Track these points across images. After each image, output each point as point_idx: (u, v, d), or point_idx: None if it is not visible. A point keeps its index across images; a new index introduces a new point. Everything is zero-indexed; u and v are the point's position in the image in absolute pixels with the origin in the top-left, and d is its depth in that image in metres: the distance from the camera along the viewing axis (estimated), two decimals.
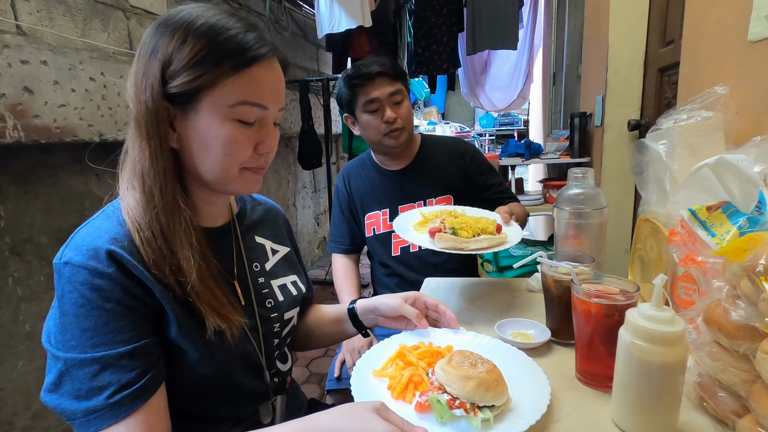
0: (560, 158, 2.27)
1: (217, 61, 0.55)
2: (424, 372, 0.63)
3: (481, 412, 0.54)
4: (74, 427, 0.51)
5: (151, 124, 0.56)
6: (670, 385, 0.51)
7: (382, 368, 0.67)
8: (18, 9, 1.33)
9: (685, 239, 0.69)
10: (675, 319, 0.50)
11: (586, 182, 0.85)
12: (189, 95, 0.56)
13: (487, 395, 0.54)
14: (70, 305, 0.52)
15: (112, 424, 0.50)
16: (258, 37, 0.58)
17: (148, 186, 0.57)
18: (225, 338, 0.59)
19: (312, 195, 3.79)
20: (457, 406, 0.54)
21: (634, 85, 1.74)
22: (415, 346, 0.71)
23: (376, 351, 0.71)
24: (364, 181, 1.37)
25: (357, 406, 0.51)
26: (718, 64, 0.94)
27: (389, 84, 1.22)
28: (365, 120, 1.25)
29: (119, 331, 0.52)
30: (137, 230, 0.56)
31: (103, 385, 0.50)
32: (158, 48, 0.56)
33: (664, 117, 0.87)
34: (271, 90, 0.60)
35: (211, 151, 0.58)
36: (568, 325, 0.71)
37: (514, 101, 4.35)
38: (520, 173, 2.89)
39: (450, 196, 1.33)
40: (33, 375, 1.40)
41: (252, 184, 0.64)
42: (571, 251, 0.83)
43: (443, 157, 1.36)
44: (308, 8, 3.22)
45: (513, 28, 3.04)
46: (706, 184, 0.70)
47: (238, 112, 0.58)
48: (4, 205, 1.34)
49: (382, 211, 1.33)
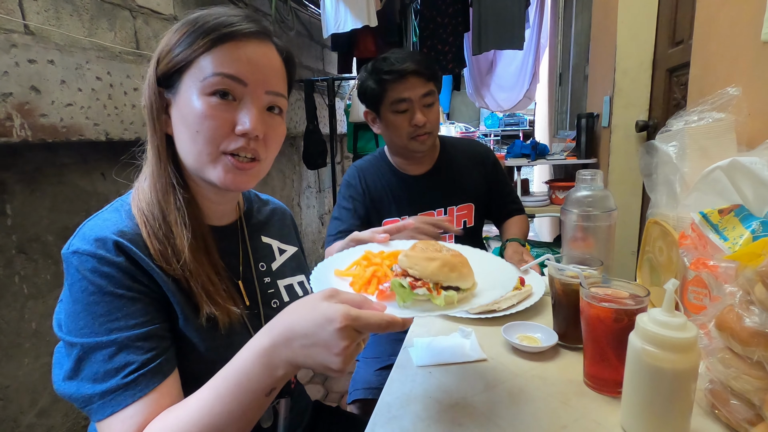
0: (566, 159, 2.25)
1: (195, 38, 0.57)
2: (388, 268, 0.59)
3: (444, 292, 0.51)
4: (91, 414, 0.51)
5: (149, 110, 0.60)
6: (681, 392, 0.50)
7: (347, 269, 0.63)
8: (26, 8, 1.34)
9: (695, 243, 0.68)
10: (687, 325, 0.49)
11: (595, 184, 0.84)
12: (172, 77, 0.59)
13: (451, 276, 0.52)
14: (81, 293, 0.52)
15: (127, 405, 0.50)
16: (242, 18, 0.59)
17: (151, 170, 0.60)
18: (218, 327, 0.59)
19: (316, 195, 3.79)
20: (419, 286, 0.51)
21: (643, 85, 1.73)
22: (382, 252, 0.67)
23: (341, 256, 0.66)
24: (382, 184, 1.28)
25: (306, 299, 0.48)
26: (730, 65, 0.92)
27: (422, 84, 1.14)
28: (391, 119, 1.17)
29: (132, 316, 0.53)
30: (144, 222, 0.57)
31: (119, 366, 0.51)
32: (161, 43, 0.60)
33: (674, 118, 0.86)
34: (249, 65, 0.58)
35: (187, 129, 0.58)
36: (576, 329, 0.70)
37: (519, 101, 4.33)
38: (525, 174, 2.87)
39: (472, 204, 1.27)
40: (39, 373, 1.41)
41: (229, 174, 0.59)
42: (579, 254, 0.82)
43: (464, 162, 1.29)
44: (314, 8, 3.21)
45: (519, 28, 3.02)
46: (719, 186, 0.69)
47: (212, 83, 0.57)
48: (11, 203, 1.35)
49: (402, 218, 1.25)
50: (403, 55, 1.14)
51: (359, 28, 2.55)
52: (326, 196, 3.97)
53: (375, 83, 1.16)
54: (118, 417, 0.50)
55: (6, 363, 1.33)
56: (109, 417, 0.50)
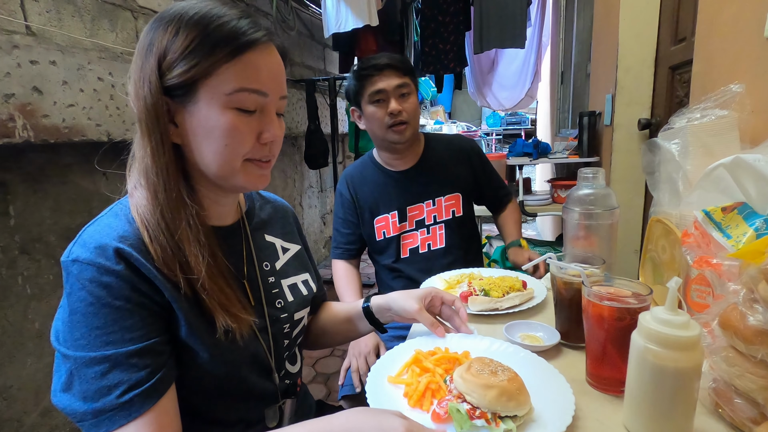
0: (569, 158, 2.24)
1: (211, 48, 0.55)
2: (441, 379, 0.61)
3: (503, 423, 0.51)
4: (83, 430, 0.50)
5: (151, 120, 0.56)
6: (684, 390, 0.49)
7: (398, 375, 0.65)
8: (27, 10, 1.34)
9: (698, 241, 0.67)
10: (690, 323, 0.49)
11: (597, 182, 0.83)
12: (186, 87, 0.56)
13: (509, 405, 0.52)
14: (79, 303, 0.51)
15: (122, 425, 0.49)
16: (252, 23, 0.58)
17: (153, 182, 0.56)
18: (235, 338, 0.59)
19: (318, 194, 3.79)
20: (477, 416, 0.51)
21: (645, 83, 1.72)
22: (431, 351, 0.69)
23: (391, 357, 0.69)
24: (370, 186, 1.35)
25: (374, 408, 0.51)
26: (733, 62, 0.92)
27: (397, 77, 1.21)
28: (370, 111, 1.24)
29: (128, 330, 0.52)
30: (146, 228, 0.55)
31: (112, 385, 0.50)
32: (153, 42, 0.56)
33: (677, 116, 0.85)
34: (269, 76, 0.59)
35: (212, 143, 0.57)
36: (578, 327, 0.70)
37: (521, 100, 4.32)
38: (527, 173, 2.86)
39: (458, 194, 1.33)
40: (42, 373, 1.42)
41: (257, 178, 0.62)
42: (581, 253, 0.82)
43: (449, 154, 1.36)
44: (315, 7, 3.22)
45: (521, 27, 3.01)
46: (722, 184, 0.68)
47: (237, 99, 0.56)
48: (13, 204, 1.35)
49: (391, 214, 1.32)
50: (381, 54, 1.24)
51: (360, 27, 2.55)
52: (328, 196, 3.97)
53: (355, 80, 1.25)
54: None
55: (9, 363, 1.34)
56: None
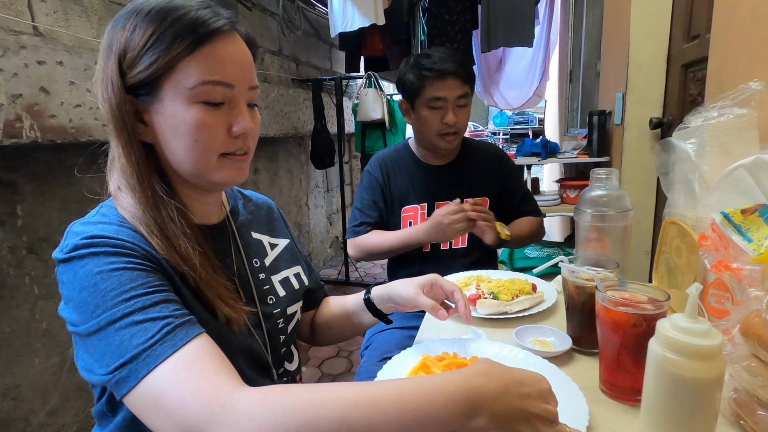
0: (578, 158, 2.21)
1: (169, 42, 0.53)
2: None
3: None
4: (123, 382, 0.45)
5: (117, 121, 0.55)
6: (705, 402, 0.47)
7: None
8: (35, 10, 1.34)
9: (716, 244, 0.65)
10: (712, 331, 0.47)
11: (610, 183, 0.81)
12: (149, 84, 0.54)
13: None
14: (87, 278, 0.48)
15: (170, 355, 0.45)
16: (212, 12, 0.56)
17: (131, 184, 0.56)
18: (233, 330, 0.59)
19: (325, 194, 3.79)
20: None
21: (657, 81, 1.68)
22: (439, 357, 0.68)
23: (398, 361, 0.68)
24: (404, 174, 1.34)
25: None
26: (751, 59, 0.89)
27: (459, 86, 1.19)
28: (424, 115, 1.23)
29: (148, 284, 0.50)
30: (140, 224, 0.55)
31: (146, 327, 0.46)
32: (113, 42, 0.55)
33: (692, 115, 0.82)
34: (233, 66, 0.57)
35: (182, 139, 0.56)
36: (590, 333, 0.68)
37: (529, 99, 4.27)
38: (535, 173, 2.83)
39: (487, 198, 1.33)
40: (49, 372, 1.42)
41: (233, 171, 0.60)
42: (594, 255, 0.80)
43: (482, 159, 1.37)
44: (321, 7, 3.21)
45: (529, 25, 2.98)
46: (741, 185, 0.66)
47: (201, 93, 0.55)
48: (21, 204, 1.36)
49: (420, 206, 1.32)
50: (445, 55, 1.19)
51: (367, 26, 2.54)
52: (334, 196, 3.97)
53: (415, 78, 1.21)
54: (162, 367, 0.44)
55: (17, 363, 1.34)
56: (152, 372, 0.45)
